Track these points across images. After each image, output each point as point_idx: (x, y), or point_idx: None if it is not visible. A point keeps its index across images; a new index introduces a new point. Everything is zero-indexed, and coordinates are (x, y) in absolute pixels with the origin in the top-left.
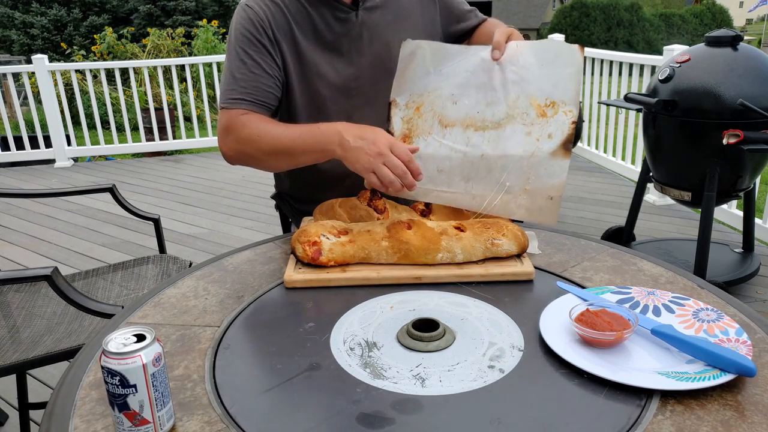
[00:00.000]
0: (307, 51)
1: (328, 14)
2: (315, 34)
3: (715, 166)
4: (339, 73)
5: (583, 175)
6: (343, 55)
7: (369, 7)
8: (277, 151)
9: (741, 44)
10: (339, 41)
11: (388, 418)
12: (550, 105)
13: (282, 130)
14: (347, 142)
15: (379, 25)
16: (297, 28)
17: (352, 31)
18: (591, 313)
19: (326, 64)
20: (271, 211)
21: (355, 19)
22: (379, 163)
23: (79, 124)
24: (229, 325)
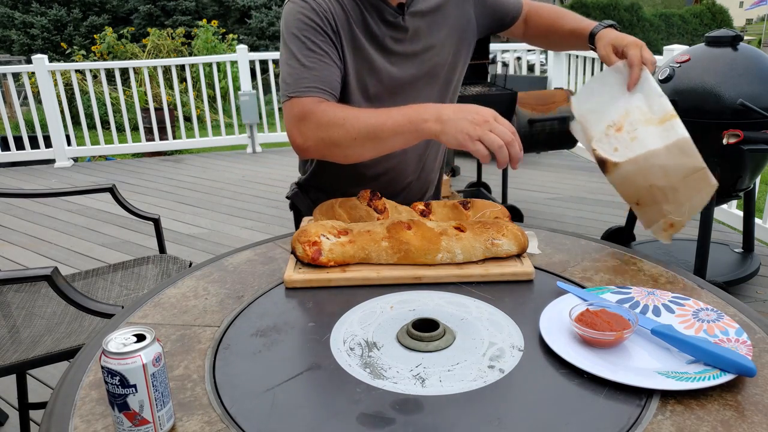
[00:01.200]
0: (363, 47)
1: (377, 15)
2: (368, 31)
3: (715, 166)
4: (388, 72)
5: (583, 175)
6: (390, 56)
7: (414, 12)
8: (365, 135)
9: (741, 44)
10: (387, 42)
11: (388, 418)
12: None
13: (368, 112)
14: (446, 115)
15: (422, 30)
16: (354, 23)
17: (398, 35)
18: (591, 313)
19: (378, 61)
20: (271, 211)
21: (402, 24)
22: (486, 129)
23: (79, 124)
24: (229, 325)
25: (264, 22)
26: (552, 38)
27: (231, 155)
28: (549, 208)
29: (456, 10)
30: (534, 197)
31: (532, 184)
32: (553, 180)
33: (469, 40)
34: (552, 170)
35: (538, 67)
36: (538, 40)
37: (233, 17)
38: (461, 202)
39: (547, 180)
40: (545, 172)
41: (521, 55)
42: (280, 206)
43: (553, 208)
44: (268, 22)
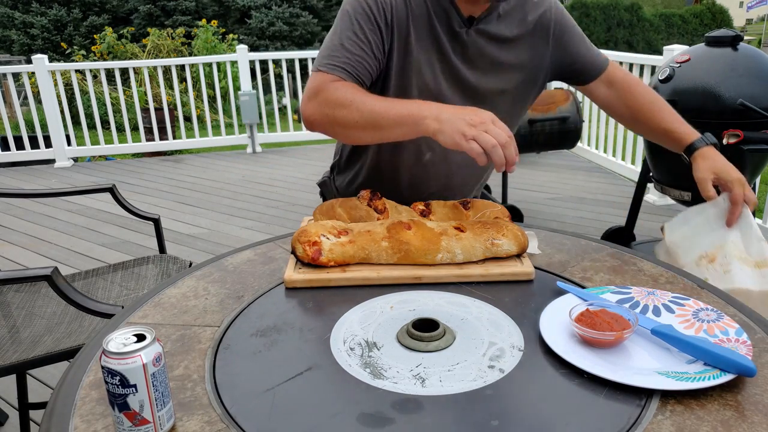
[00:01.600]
0: (414, 47)
1: (444, 21)
2: (427, 33)
3: None
4: (435, 80)
5: (583, 175)
6: (444, 65)
7: (481, 29)
8: (366, 120)
9: (741, 44)
10: (445, 50)
11: (388, 418)
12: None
13: (374, 99)
14: (445, 116)
15: (484, 51)
16: (412, 22)
17: (458, 47)
18: (591, 313)
19: (427, 66)
20: (271, 211)
21: (465, 37)
22: (481, 130)
23: (79, 124)
24: (229, 325)
25: (264, 22)
26: (639, 125)
27: (231, 155)
28: (549, 208)
29: (531, 50)
30: (534, 197)
31: (532, 184)
32: (553, 180)
33: (537, 84)
34: (552, 170)
35: None
36: (619, 117)
37: (233, 17)
38: (461, 202)
39: (547, 180)
40: (545, 172)
41: None
42: (280, 206)
43: (553, 208)
44: (268, 22)
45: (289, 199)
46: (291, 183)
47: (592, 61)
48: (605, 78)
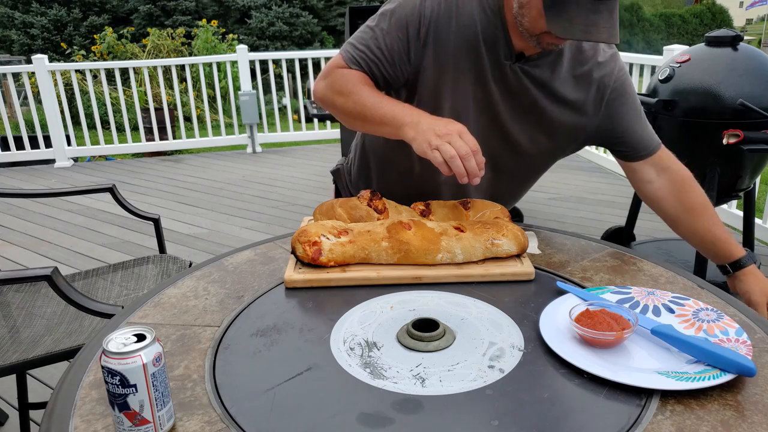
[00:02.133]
0: (452, 67)
1: (491, 48)
2: (470, 54)
3: (715, 166)
4: (466, 104)
5: (583, 175)
6: (480, 92)
7: (527, 70)
8: (357, 112)
9: (741, 44)
10: (484, 78)
11: (388, 418)
12: None
13: (371, 94)
14: (421, 125)
15: (526, 92)
16: (455, 39)
17: (498, 77)
18: (591, 313)
19: (461, 89)
20: (271, 211)
21: (508, 70)
22: (445, 141)
23: (79, 124)
24: (229, 325)
25: (264, 22)
26: (686, 226)
27: (231, 155)
28: (549, 208)
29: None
30: (534, 197)
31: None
32: (553, 180)
33: (574, 144)
34: (552, 170)
35: None
36: (666, 210)
37: (233, 17)
38: (461, 202)
39: (547, 180)
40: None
41: None
42: (280, 206)
43: (553, 208)
44: (268, 22)
45: (289, 199)
46: (291, 183)
47: (641, 137)
48: (655, 161)
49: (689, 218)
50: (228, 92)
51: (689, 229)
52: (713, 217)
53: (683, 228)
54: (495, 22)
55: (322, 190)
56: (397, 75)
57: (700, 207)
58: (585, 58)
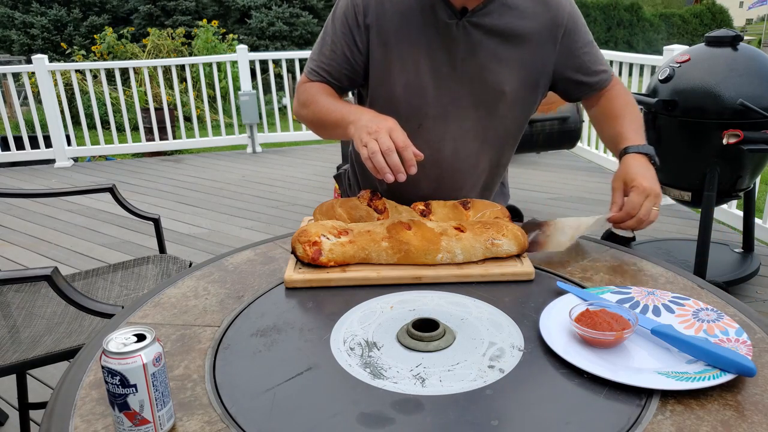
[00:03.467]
0: (395, 43)
1: (430, 14)
2: (411, 28)
3: (715, 166)
4: (418, 76)
5: (583, 175)
6: (429, 60)
7: (475, 22)
8: (317, 120)
9: (741, 44)
10: (433, 44)
11: (388, 418)
12: None
13: (326, 101)
14: (359, 122)
15: (480, 45)
16: (394, 17)
17: (447, 41)
18: (591, 313)
19: (410, 61)
20: (271, 211)
21: (455, 29)
22: (372, 138)
23: (79, 124)
24: (229, 325)
25: (264, 22)
26: (601, 128)
27: (231, 155)
28: (549, 208)
29: (537, 49)
30: (534, 197)
31: (532, 184)
32: (553, 180)
33: (537, 89)
34: (552, 170)
35: None
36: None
37: (233, 17)
38: (461, 202)
39: (547, 180)
40: (545, 172)
41: None
42: (280, 206)
43: (553, 208)
44: (268, 22)
45: (289, 199)
46: (291, 183)
47: (595, 74)
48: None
49: (602, 126)
50: (228, 92)
51: (601, 135)
52: (623, 117)
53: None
54: None
55: (322, 190)
56: (357, 69)
57: (613, 113)
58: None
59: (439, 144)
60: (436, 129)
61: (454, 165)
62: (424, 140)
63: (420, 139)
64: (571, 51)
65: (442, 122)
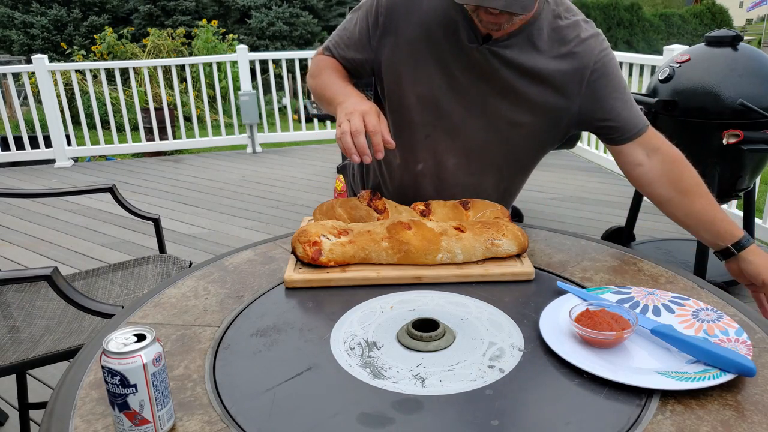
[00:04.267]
0: (416, 50)
1: (451, 32)
2: (434, 41)
3: (715, 166)
4: (432, 90)
5: (583, 175)
6: (447, 77)
7: (495, 51)
8: (319, 93)
9: (741, 44)
10: (451, 62)
11: (388, 418)
12: None
13: (329, 76)
14: (343, 105)
15: (497, 74)
16: (417, 25)
17: (465, 61)
18: (591, 313)
19: (428, 73)
20: (271, 211)
21: (475, 53)
22: (346, 119)
23: (79, 124)
24: (229, 325)
25: (264, 22)
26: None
27: (231, 155)
28: (549, 208)
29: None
30: (534, 197)
31: (532, 184)
32: (553, 180)
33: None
34: (552, 170)
35: None
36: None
37: (233, 17)
38: (461, 202)
39: (547, 180)
40: (545, 172)
41: None
42: (280, 206)
43: (553, 208)
44: (268, 22)
45: (289, 199)
46: (291, 183)
47: (627, 118)
48: (644, 142)
49: (685, 200)
50: (228, 92)
51: (685, 211)
52: (709, 196)
53: (679, 210)
54: (455, 6)
55: (322, 190)
56: (361, 60)
57: (696, 187)
58: (563, 38)
59: (443, 157)
60: (441, 143)
61: (456, 180)
62: (429, 151)
63: (425, 149)
64: (598, 96)
65: (450, 138)
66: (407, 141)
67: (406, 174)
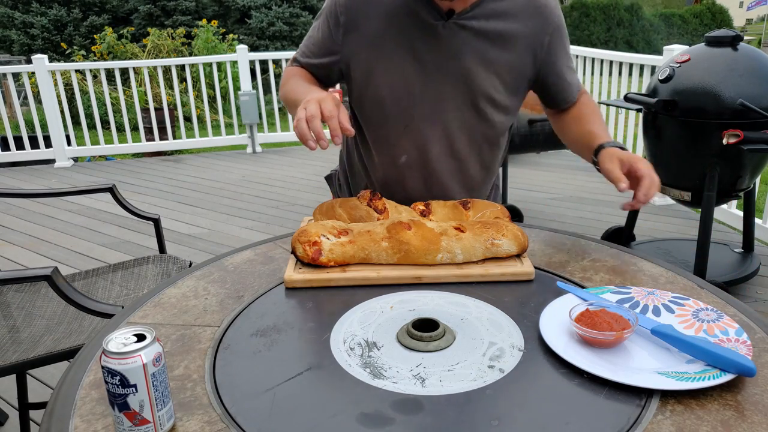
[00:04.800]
0: (379, 42)
1: (415, 15)
2: (396, 29)
3: (715, 166)
4: (404, 77)
5: (583, 175)
6: (417, 62)
7: (462, 24)
8: (287, 100)
9: (741, 44)
10: (418, 45)
11: (388, 418)
12: None
13: (295, 83)
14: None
15: (467, 47)
16: (378, 17)
17: (433, 40)
18: (591, 313)
19: (396, 62)
20: (271, 211)
21: (441, 30)
22: (302, 108)
23: (79, 124)
24: (229, 325)
25: (264, 22)
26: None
27: (231, 155)
28: (549, 208)
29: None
30: (534, 197)
31: (532, 184)
32: (553, 180)
33: (520, 91)
34: (552, 170)
35: None
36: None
37: (233, 17)
38: (461, 202)
39: (547, 180)
40: (545, 172)
41: None
42: (280, 206)
43: (553, 208)
44: (268, 22)
45: (289, 199)
46: (291, 183)
47: (571, 84)
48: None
49: (572, 123)
50: (228, 92)
51: (568, 133)
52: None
53: (565, 133)
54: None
55: (322, 190)
56: (329, 64)
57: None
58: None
59: (426, 145)
60: (422, 130)
61: (441, 166)
62: (410, 141)
63: (405, 139)
64: (554, 62)
65: (429, 123)
66: (387, 135)
67: (390, 169)
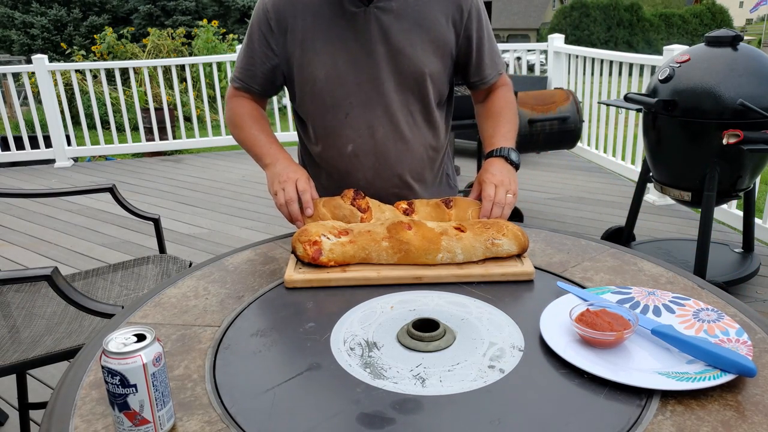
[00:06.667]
0: (310, 38)
1: (337, 6)
2: (324, 21)
3: (715, 166)
4: (337, 67)
5: (583, 175)
6: (346, 50)
7: (382, 7)
8: (244, 146)
9: (741, 44)
10: (345, 34)
11: (388, 418)
12: None
13: (252, 131)
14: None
15: (392, 29)
16: (304, 15)
17: (358, 27)
18: (591, 313)
19: (327, 54)
20: (271, 211)
21: (363, 16)
22: (280, 188)
23: (79, 124)
24: (229, 325)
25: None
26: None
27: (231, 155)
28: (549, 208)
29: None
30: (534, 197)
31: (532, 184)
32: (553, 180)
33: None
34: (552, 170)
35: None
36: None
37: (233, 17)
38: (444, 201)
39: (547, 180)
40: (545, 172)
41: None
42: None
43: (553, 208)
44: None
45: None
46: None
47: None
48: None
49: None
50: None
51: (480, 130)
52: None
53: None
54: None
55: None
56: (271, 71)
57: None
58: None
59: (368, 131)
60: (363, 116)
61: (387, 151)
62: (353, 129)
63: (349, 128)
64: (471, 38)
65: (368, 109)
66: (331, 127)
67: (338, 160)
